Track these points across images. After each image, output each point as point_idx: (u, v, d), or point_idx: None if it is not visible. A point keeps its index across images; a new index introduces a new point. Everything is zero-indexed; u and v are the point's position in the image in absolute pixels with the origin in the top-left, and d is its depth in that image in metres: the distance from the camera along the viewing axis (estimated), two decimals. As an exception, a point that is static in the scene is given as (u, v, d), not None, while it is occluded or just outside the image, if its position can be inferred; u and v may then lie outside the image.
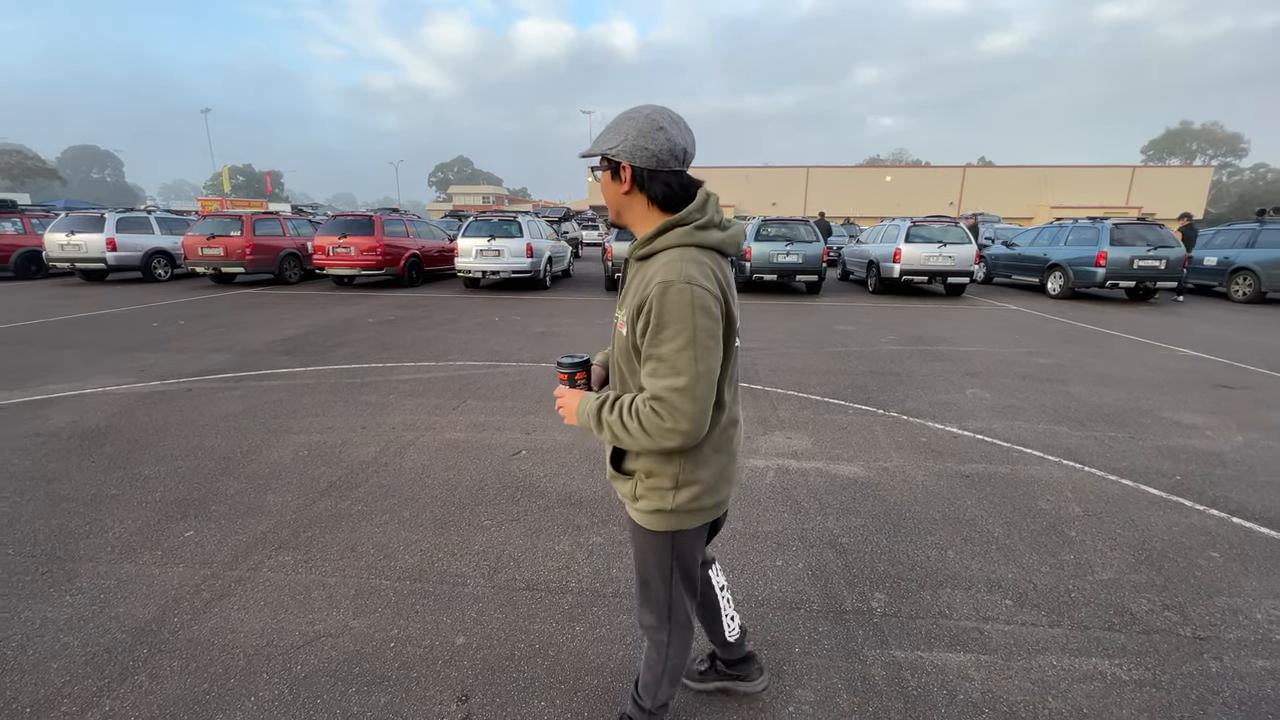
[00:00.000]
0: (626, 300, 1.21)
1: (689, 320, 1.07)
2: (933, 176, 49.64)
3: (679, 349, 1.07)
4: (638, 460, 1.25)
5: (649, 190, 1.17)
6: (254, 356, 6.00)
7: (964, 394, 5.00)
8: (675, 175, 1.17)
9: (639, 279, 1.17)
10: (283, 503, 2.95)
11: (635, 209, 1.21)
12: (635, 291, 1.16)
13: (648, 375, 1.12)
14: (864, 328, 8.20)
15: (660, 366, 1.09)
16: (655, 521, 1.29)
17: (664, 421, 1.10)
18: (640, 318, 1.12)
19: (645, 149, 1.13)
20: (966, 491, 3.18)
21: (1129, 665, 1.93)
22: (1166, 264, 10.79)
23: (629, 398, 1.17)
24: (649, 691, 1.51)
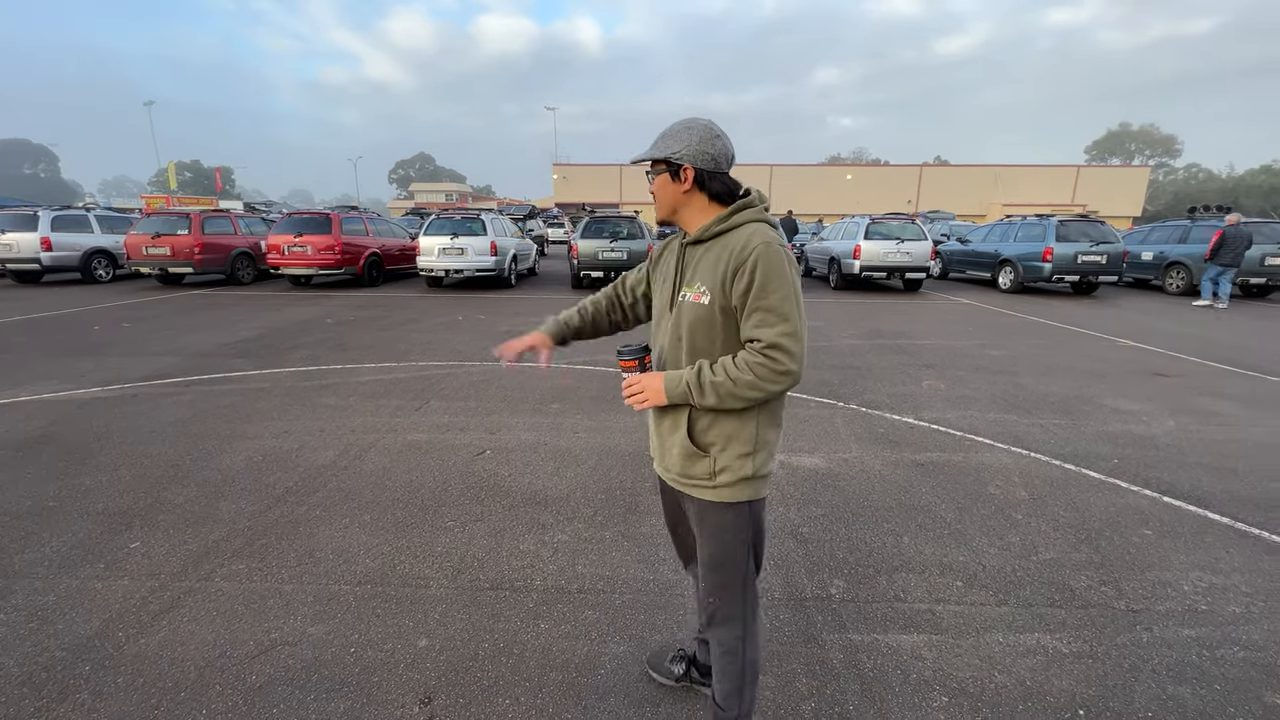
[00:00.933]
0: (699, 275, 1.32)
1: (787, 275, 1.24)
2: (891, 175, 50.98)
3: (784, 298, 1.22)
4: (714, 428, 1.33)
5: (709, 189, 1.34)
6: (205, 360, 5.78)
7: (920, 386, 5.16)
8: (727, 176, 1.36)
9: (715, 253, 1.30)
10: (236, 510, 2.86)
11: (694, 205, 1.36)
12: (714, 264, 1.29)
13: (757, 326, 1.23)
14: (827, 323, 8.38)
15: (769, 316, 1.22)
16: (738, 492, 1.35)
17: (778, 364, 1.21)
18: (736, 280, 1.24)
19: (707, 153, 1.31)
20: (921, 479, 3.29)
21: (1068, 639, 2.04)
22: (1108, 259, 11.35)
23: (728, 357, 1.28)
24: (733, 701, 1.49)
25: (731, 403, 1.26)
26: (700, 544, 1.44)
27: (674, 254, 1.42)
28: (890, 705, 1.76)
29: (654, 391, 1.33)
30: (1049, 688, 1.82)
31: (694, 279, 1.33)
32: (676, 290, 1.37)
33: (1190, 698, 1.79)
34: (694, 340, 1.33)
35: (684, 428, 1.34)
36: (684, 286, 1.35)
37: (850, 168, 56.40)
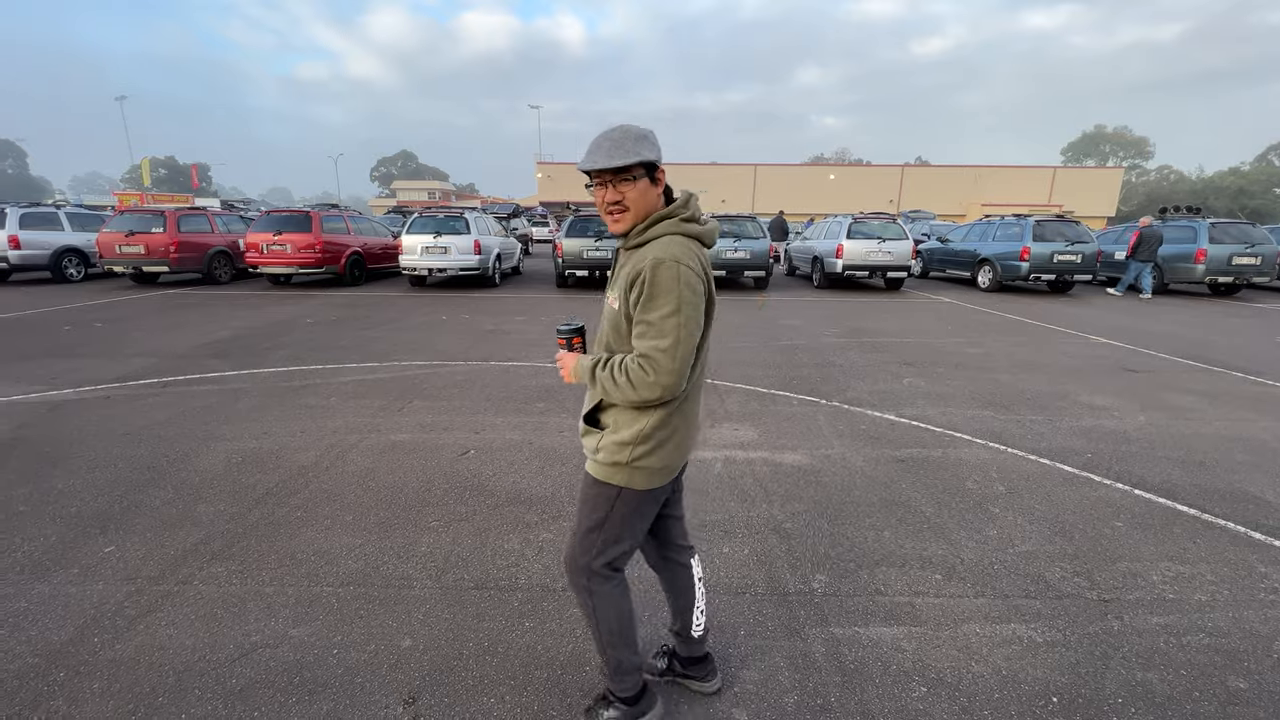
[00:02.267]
0: (618, 281, 1.41)
1: (676, 292, 1.29)
2: (874, 175, 51.57)
3: (665, 315, 1.29)
4: (611, 411, 1.45)
5: (663, 191, 1.43)
6: (181, 361, 5.67)
7: (901, 383, 5.24)
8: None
9: (631, 262, 1.36)
10: (215, 512, 2.82)
11: (656, 207, 1.42)
12: (627, 272, 1.35)
13: (637, 337, 1.33)
14: (809, 321, 8.46)
15: (649, 330, 1.31)
16: (610, 473, 1.45)
17: (647, 376, 1.31)
18: (633, 290, 1.32)
19: (660, 156, 1.38)
20: (902, 475, 3.34)
21: (1043, 628, 2.09)
22: (1082, 258, 11.60)
23: (620, 356, 1.39)
24: (605, 660, 1.62)
25: (614, 398, 1.39)
26: (578, 509, 1.56)
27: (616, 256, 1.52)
28: (870, 696, 1.79)
29: (568, 368, 1.51)
30: (1024, 676, 1.87)
31: (615, 283, 1.44)
32: (609, 290, 1.49)
33: (1158, 683, 1.85)
34: (607, 339, 1.46)
35: (589, 403, 1.49)
36: (609, 290, 1.48)
37: (833, 168, 56.93)
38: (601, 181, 1.36)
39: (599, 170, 1.34)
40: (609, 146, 1.32)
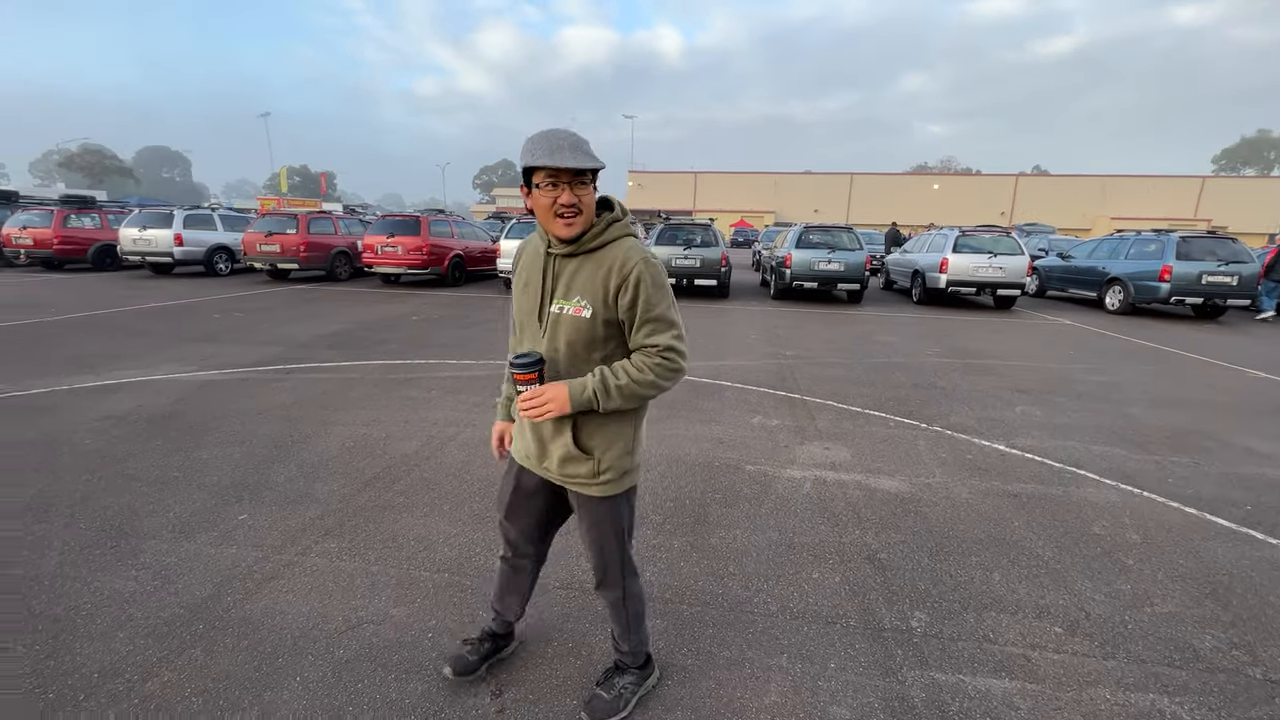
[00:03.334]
0: (576, 289, 1.41)
1: (666, 286, 1.42)
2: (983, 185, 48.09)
3: (669, 307, 1.41)
4: (598, 433, 1.48)
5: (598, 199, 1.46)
6: (304, 349, 6.25)
7: (1013, 411, 4.81)
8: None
9: (591, 267, 1.40)
10: (329, 491, 3.06)
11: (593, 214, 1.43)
12: (593, 278, 1.39)
13: (650, 335, 1.40)
14: (907, 339, 7.99)
15: (660, 324, 1.40)
16: (619, 486, 1.53)
17: (673, 363, 1.40)
18: (621, 295, 1.38)
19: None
20: (1015, 512, 3.06)
21: (1191, 705, 1.82)
22: (1239, 280, 10.16)
23: (625, 362, 1.42)
24: (625, 637, 1.73)
25: (633, 403, 1.42)
26: (582, 530, 1.60)
27: (538, 263, 1.47)
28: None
29: (558, 401, 1.39)
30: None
31: (570, 292, 1.41)
32: (547, 302, 1.44)
33: (1346, 790, 1.55)
34: (574, 351, 1.43)
35: (569, 433, 1.46)
36: (557, 299, 1.43)
37: (938, 177, 53.66)
38: (556, 182, 1.32)
39: (560, 170, 1.29)
40: (570, 146, 1.29)
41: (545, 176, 1.31)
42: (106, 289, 10.83)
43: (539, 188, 1.33)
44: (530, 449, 1.56)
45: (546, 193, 1.33)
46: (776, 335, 7.96)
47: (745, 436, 4.03)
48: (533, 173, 1.33)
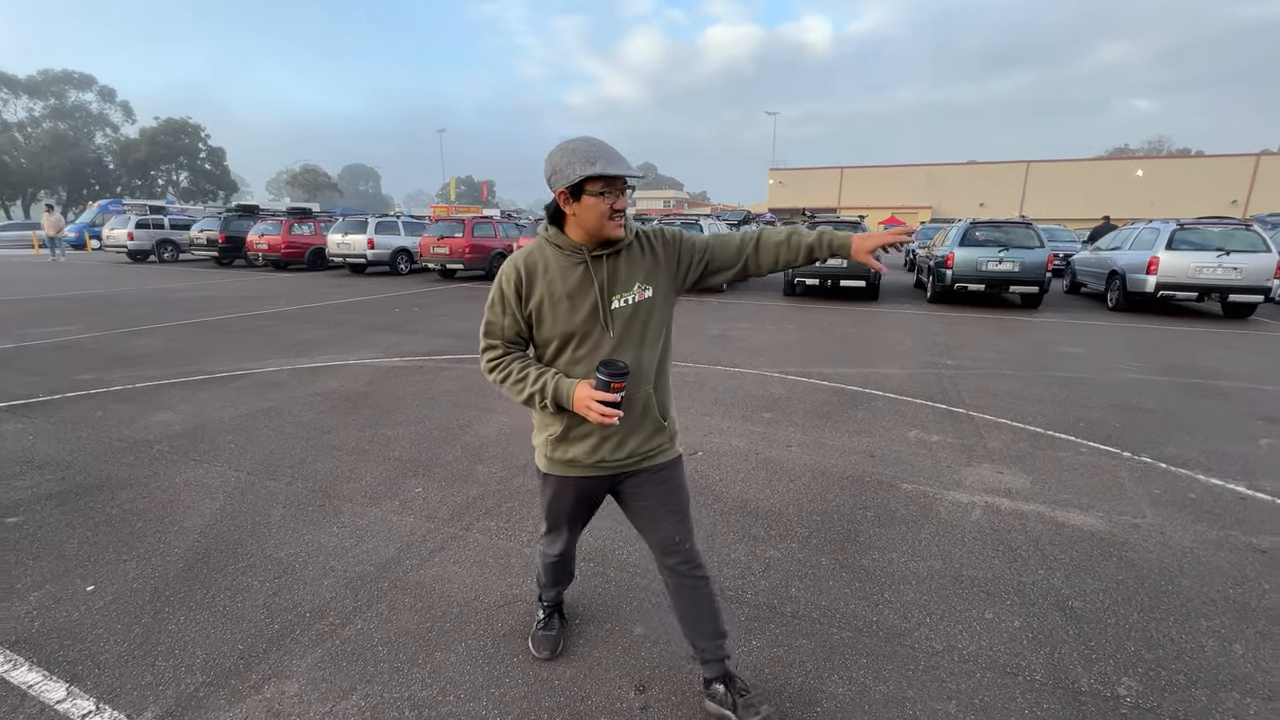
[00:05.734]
0: (631, 278, 1.49)
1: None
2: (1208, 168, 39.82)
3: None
4: (667, 391, 1.64)
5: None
6: (469, 341, 6.89)
7: (1256, 445, 3.90)
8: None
9: (629, 256, 1.50)
10: (489, 473, 3.33)
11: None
12: (640, 263, 1.51)
13: (723, 244, 1.59)
14: (1099, 351, 6.85)
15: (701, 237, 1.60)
16: (680, 439, 1.73)
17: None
18: (670, 246, 1.55)
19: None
20: (1263, 571, 2.46)
21: None
22: None
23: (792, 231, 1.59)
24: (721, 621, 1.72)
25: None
26: (664, 500, 1.64)
27: (571, 272, 1.47)
28: None
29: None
30: None
31: (629, 283, 1.49)
32: (605, 301, 1.46)
33: None
34: (645, 334, 1.52)
35: (654, 408, 1.57)
36: (617, 294, 1.48)
37: (1143, 161, 45.43)
38: (609, 190, 1.38)
39: (616, 177, 1.37)
40: (622, 157, 1.39)
41: (602, 184, 1.36)
42: (315, 286, 12.86)
43: (593, 195, 1.37)
44: (605, 450, 1.56)
45: (604, 200, 1.38)
46: (935, 342, 7.25)
47: (901, 452, 3.70)
48: (588, 181, 1.35)
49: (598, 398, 1.39)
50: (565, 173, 1.35)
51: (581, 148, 1.36)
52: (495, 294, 1.51)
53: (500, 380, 1.52)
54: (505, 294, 1.49)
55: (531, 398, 1.48)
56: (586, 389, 1.41)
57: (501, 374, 1.52)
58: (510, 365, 1.51)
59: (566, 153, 1.37)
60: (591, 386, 1.40)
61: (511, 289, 1.48)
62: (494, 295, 1.51)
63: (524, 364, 1.51)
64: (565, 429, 1.55)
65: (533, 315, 1.50)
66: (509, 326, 1.51)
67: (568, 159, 1.36)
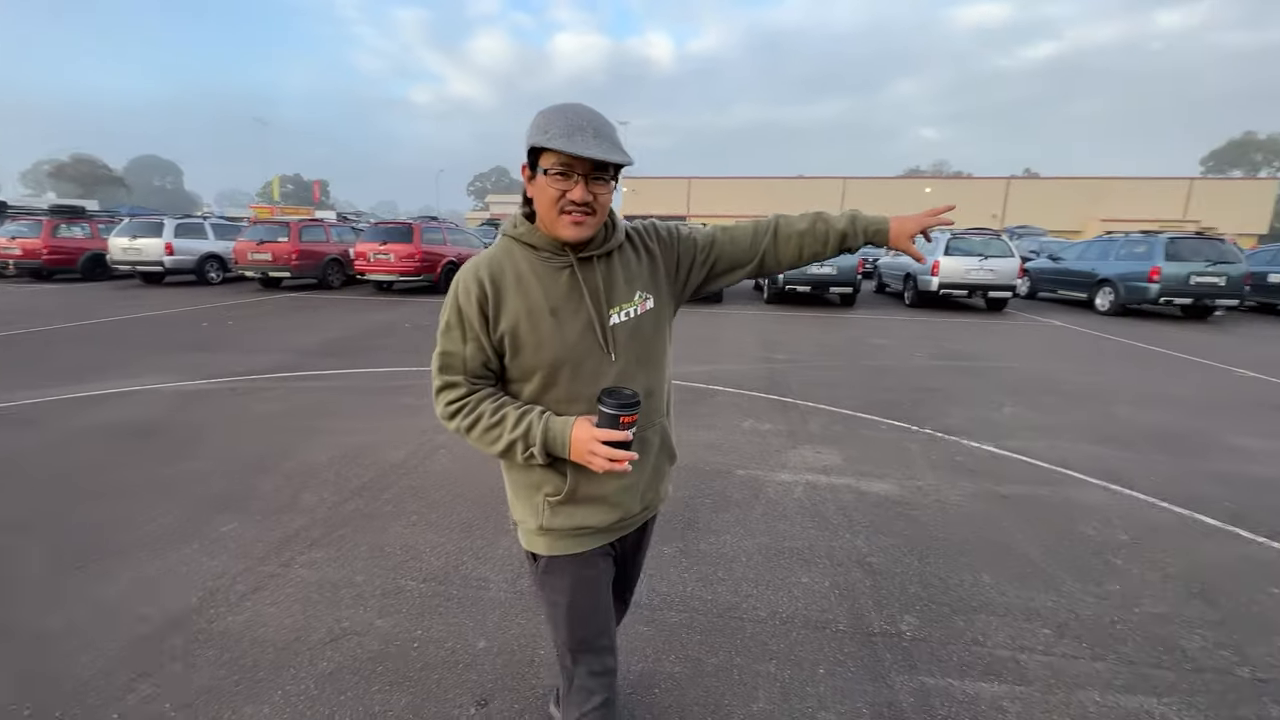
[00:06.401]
0: (633, 284, 1.17)
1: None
2: (975, 188, 48.42)
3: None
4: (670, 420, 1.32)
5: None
6: (295, 358, 6.21)
7: (1002, 412, 4.83)
8: None
9: (624, 259, 1.18)
10: (316, 501, 3.04)
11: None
12: (636, 265, 1.19)
13: (724, 229, 1.30)
14: (899, 342, 8.02)
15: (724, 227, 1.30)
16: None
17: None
18: (668, 248, 1.24)
19: None
20: (1004, 513, 3.06)
21: (1179, 706, 1.82)
22: (1227, 281, 10.24)
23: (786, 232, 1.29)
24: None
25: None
26: (641, 561, 1.48)
27: (554, 281, 1.11)
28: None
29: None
30: (1154, 759, 1.63)
31: (629, 291, 1.16)
32: (604, 316, 1.13)
33: (1333, 789, 1.55)
34: (651, 354, 1.21)
35: (670, 444, 1.30)
36: (616, 306, 1.14)
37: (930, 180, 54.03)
38: (568, 172, 1.02)
39: (576, 158, 1.00)
40: (593, 131, 1.01)
41: (557, 162, 1.02)
42: (95, 299, 10.75)
43: (546, 174, 1.03)
44: (628, 503, 1.22)
45: (555, 182, 1.03)
46: (768, 340, 7.97)
47: (737, 441, 4.03)
48: (540, 154, 1.03)
49: (603, 438, 1.04)
50: (531, 139, 1.04)
51: (554, 112, 1.03)
52: (450, 315, 1.13)
53: (466, 428, 1.13)
54: (465, 314, 1.11)
55: (512, 447, 1.10)
56: (586, 428, 1.07)
57: (467, 419, 1.12)
58: (480, 407, 1.12)
59: (540, 115, 1.05)
60: (593, 424, 1.06)
61: (474, 307, 1.10)
62: (448, 317, 1.13)
63: (498, 403, 1.13)
64: (572, 486, 1.15)
65: (506, 340, 1.12)
66: (473, 357, 1.13)
67: (536, 122, 1.04)
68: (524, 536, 1.26)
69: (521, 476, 1.21)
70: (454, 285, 1.14)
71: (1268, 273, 11.63)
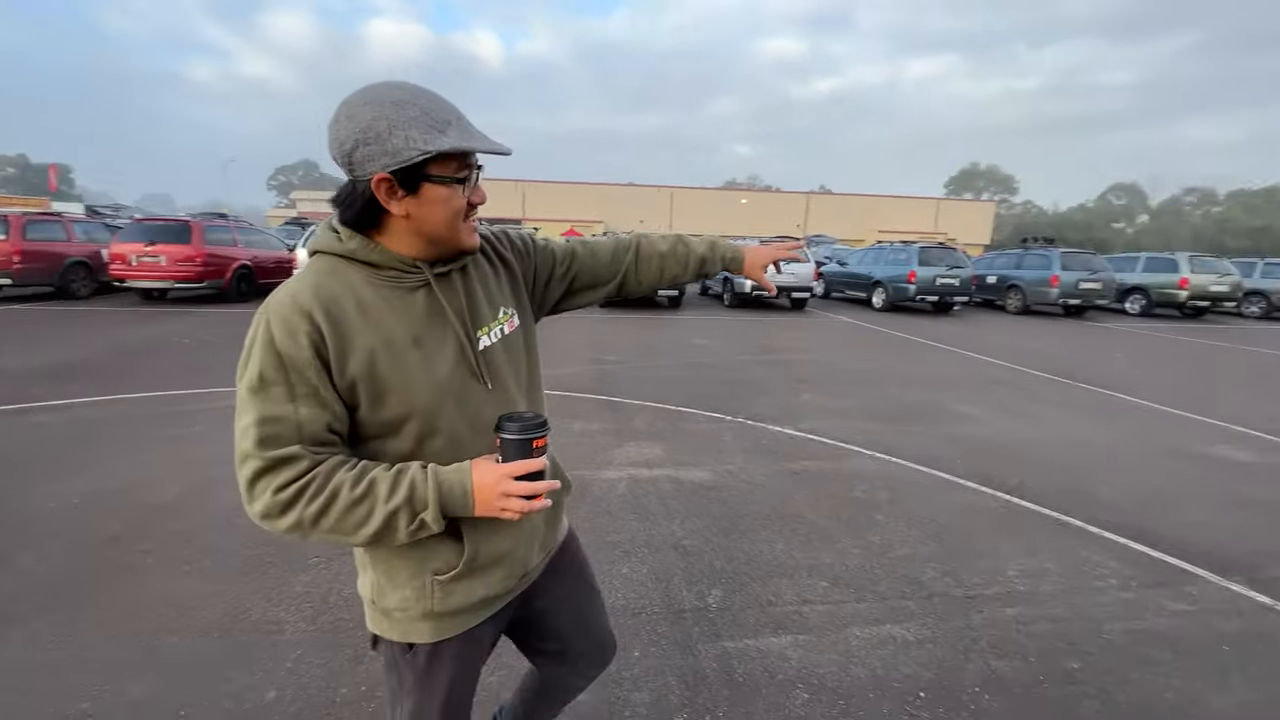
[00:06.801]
0: (493, 301, 1.02)
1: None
2: (782, 201, 54.61)
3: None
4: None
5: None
6: (21, 386, 4.95)
7: (800, 398, 5.51)
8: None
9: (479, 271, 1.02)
10: (40, 563, 2.46)
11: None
12: (493, 278, 1.04)
13: (593, 250, 1.21)
14: (719, 340, 8.74)
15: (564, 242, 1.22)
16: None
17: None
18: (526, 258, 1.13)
19: None
20: (796, 487, 3.49)
21: (915, 627, 2.24)
22: (960, 281, 12.81)
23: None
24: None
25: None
26: (573, 584, 1.22)
27: (408, 306, 0.91)
28: (757, 708, 1.83)
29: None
30: (896, 674, 1.99)
31: (492, 309, 1.01)
32: (472, 340, 0.95)
33: (1009, 670, 2.02)
34: (531, 375, 1.08)
35: (561, 472, 1.14)
36: (484, 327, 0.98)
37: (745, 193, 59.73)
38: (468, 176, 0.89)
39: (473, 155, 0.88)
40: (465, 118, 0.89)
41: (461, 165, 0.87)
42: None
43: (442, 183, 0.86)
44: (526, 552, 1.05)
45: (458, 191, 0.88)
46: (598, 342, 8.18)
47: (566, 443, 4.08)
48: (431, 162, 0.84)
49: (517, 471, 0.86)
50: (390, 145, 0.81)
51: (420, 105, 0.83)
52: (263, 368, 0.84)
53: (315, 516, 0.82)
54: (291, 362, 0.83)
55: (390, 522, 0.84)
56: (488, 468, 0.87)
57: (315, 503, 0.81)
58: (333, 480, 0.83)
59: (386, 109, 0.81)
60: (494, 461, 0.88)
61: (305, 351, 0.83)
62: (260, 371, 0.84)
63: (356, 470, 0.85)
64: (472, 553, 0.94)
65: (360, 387, 0.86)
66: (311, 419, 0.84)
67: (391, 123, 0.81)
68: (396, 626, 0.98)
69: (397, 558, 0.94)
70: (261, 327, 0.85)
71: (986, 275, 14.75)
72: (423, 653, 0.99)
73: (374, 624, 1.01)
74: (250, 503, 0.83)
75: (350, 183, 0.86)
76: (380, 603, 0.98)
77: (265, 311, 0.86)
